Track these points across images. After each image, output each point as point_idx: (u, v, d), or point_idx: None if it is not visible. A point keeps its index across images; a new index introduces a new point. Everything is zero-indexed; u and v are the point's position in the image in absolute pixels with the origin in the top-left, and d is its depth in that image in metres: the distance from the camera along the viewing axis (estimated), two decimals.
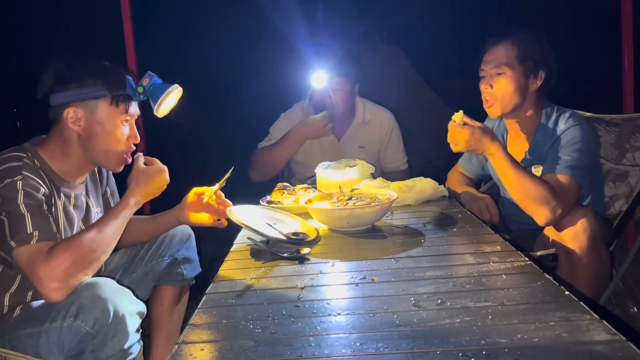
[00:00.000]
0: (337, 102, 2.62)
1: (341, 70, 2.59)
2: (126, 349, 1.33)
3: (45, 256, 1.28)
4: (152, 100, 1.56)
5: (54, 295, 1.27)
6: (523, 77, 1.91)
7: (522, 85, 1.92)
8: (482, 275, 1.24)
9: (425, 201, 2.10)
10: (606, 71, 3.30)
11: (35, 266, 1.27)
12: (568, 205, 1.72)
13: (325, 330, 1.01)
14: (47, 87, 1.47)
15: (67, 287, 1.28)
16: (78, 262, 1.31)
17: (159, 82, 1.57)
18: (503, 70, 1.91)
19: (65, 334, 1.27)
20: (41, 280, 1.26)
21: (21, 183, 1.36)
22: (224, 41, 6.64)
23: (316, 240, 1.62)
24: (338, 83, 2.60)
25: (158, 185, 1.57)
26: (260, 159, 2.70)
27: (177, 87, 1.60)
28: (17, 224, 1.31)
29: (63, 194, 1.52)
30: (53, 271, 1.26)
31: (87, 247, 1.35)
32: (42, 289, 1.27)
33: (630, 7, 2.84)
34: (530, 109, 1.97)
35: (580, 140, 1.83)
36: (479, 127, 1.78)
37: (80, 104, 1.47)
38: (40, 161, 1.47)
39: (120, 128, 1.53)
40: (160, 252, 1.81)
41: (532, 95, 1.95)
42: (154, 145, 3.17)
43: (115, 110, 1.51)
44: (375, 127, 2.75)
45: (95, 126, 1.49)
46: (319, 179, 2.24)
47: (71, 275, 1.29)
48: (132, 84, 1.55)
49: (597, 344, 0.87)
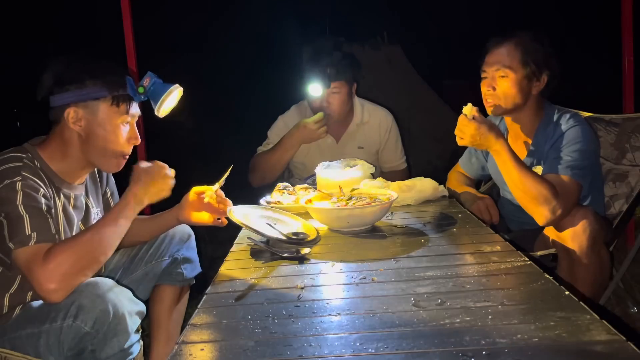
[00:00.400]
0: (336, 105, 2.61)
1: (338, 74, 2.57)
2: (126, 348, 1.33)
3: (44, 258, 1.27)
4: (152, 101, 1.56)
5: (53, 296, 1.27)
6: (525, 79, 1.91)
7: (524, 88, 1.91)
8: (482, 275, 1.24)
9: (425, 201, 2.10)
10: (606, 71, 3.30)
11: (33, 268, 1.26)
12: (568, 206, 1.72)
13: (325, 330, 1.01)
14: (47, 88, 1.47)
15: (66, 288, 1.28)
16: (76, 263, 1.30)
17: (160, 82, 1.56)
18: (505, 73, 1.90)
19: (65, 334, 1.27)
20: (39, 281, 1.26)
21: (20, 184, 1.35)
22: (224, 41, 6.65)
23: (316, 240, 1.62)
24: (335, 86, 2.59)
25: (160, 186, 1.54)
26: (258, 164, 2.70)
27: (178, 87, 1.60)
28: (15, 226, 1.31)
29: (63, 194, 1.52)
30: (51, 273, 1.26)
31: (86, 248, 1.34)
32: (41, 290, 1.27)
33: (630, 7, 2.84)
34: (531, 110, 1.97)
35: (581, 140, 1.83)
36: (486, 122, 1.78)
37: (81, 105, 1.47)
38: (40, 162, 1.46)
39: (121, 128, 1.52)
40: (160, 252, 1.81)
41: (534, 97, 1.95)
42: (154, 146, 3.17)
43: (115, 111, 1.50)
44: (374, 127, 2.75)
45: (95, 127, 1.49)
46: (319, 179, 2.24)
47: (69, 276, 1.28)
48: (133, 84, 1.54)
49: (597, 344, 0.87)
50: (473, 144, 1.82)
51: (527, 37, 1.93)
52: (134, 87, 1.54)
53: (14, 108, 6.87)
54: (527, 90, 1.92)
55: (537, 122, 1.98)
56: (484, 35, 2.03)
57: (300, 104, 2.81)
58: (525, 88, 1.91)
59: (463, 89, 5.00)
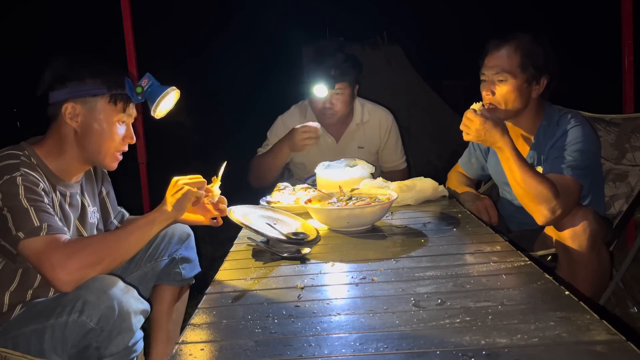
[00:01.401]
0: (338, 107, 2.61)
1: (341, 76, 2.58)
2: (130, 346, 1.33)
3: (64, 247, 1.30)
4: (149, 101, 1.58)
5: (63, 285, 1.28)
6: (525, 84, 1.89)
7: (523, 92, 1.90)
8: (482, 275, 1.24)
9: (425, 201, 2.10)
10: (606, 71, 3.30)
11: (49, 255, 1.28)
12: (568, 206, 1.72)
13: (325, 330, 1.01)
14: (47, 84, 1.49)
15: (77, 280, 1.29)
16: (94, 260, 1.32)
17: (157, 84, 1.58)
18: (505, 77, 1.88)
19: (70, 329, 1.28)
20: (54, 267, 1.27)
21: (21, 178, 1.37)
22: (224, 41, 6.65)
23: (316, 240, 1.62)
24: (339, 87, 2.59)
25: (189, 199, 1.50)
26: (254, 167, 2.68)
27: (175, 89, 1.61)
28: (21, 218, 1.32)
29: (59, 192, 1.52)
30: (68, 261, 1.28)
31: (109, 247, 1.37)
32: (53, 278, 1.28)
33: (630, 7, 2.84)
34: (531, 113, 1.96)
35: (582, 140, 1.83)
36: (491, 119, 1.77)
37: (79, 101, 1.49)
38: (36, 159, 1.48)
39: (117, 127, 1.54)
40: (159, 252, 1.81)
41: (534, 100, 1.94)
42: (154, 145, 3.17)
43: (113, 109, 1.52)
44: (374, 127, 2.75)
45: (92, 123, 1.50)
46: (319, 179, 2.24)
47: (84, 268, 1.30)
48: (131, 85, 1.56)
49: (597, 344, 0.87)
50: (478, 139, 1.80)
51: (526, 40, 1.90)
52: (132, 87, 1.56)
53: (14, 108, 6.88)
54: (526, 94, 1.91)
55: (537, 123, 1.97)
56: (484, 35, 2.02)
57: (300, 104, 2.81)
58: (524, 92, 1.90)
59: (463, 89, 5.00)
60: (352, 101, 2.69)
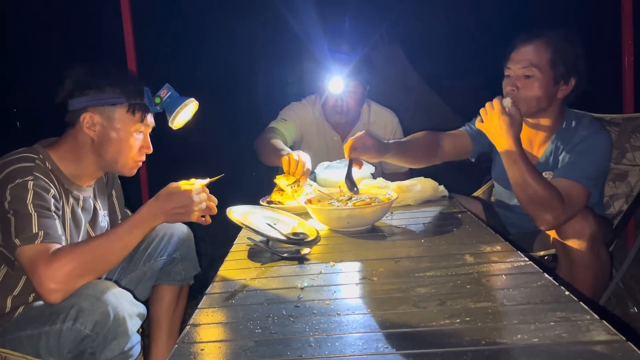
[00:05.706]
0: (350, 104, 2.64)
1: (356, 75, 2.59)
2: (126, 351, 1.33)
3: (50, 257, 1.28)
4: (167, 112, 1.59)
5: (52, 296, 1.27)
6: (552, 82, 1.80)
7: (550, 91, 1.81)
8: (482, 275, 1.24)
9: (425, 201, 2.10)
10: (606, 71, 3.30)
11: (37, 266, 1.27)
12: (573, 214, 1.69)
13: (325, 330, 1.01)
14: (67, 91, 1.49)
15: (66, 290, 1.28)
16: (80, 268, 1.31)
17: (176, 94, 1.60)
18: (532, 73, 1.79)
19: (64, 336, 1.28)
20: (41, 280, 1.26)
21: (32, 183, 1.37)
22: (223, 42, 6.64)
23: (316, 240, 1.62)
24: (352, 86, 2.61)
25: (182, 209, 1.46)
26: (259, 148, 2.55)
27: (193, 100, 1.63)
28: (23, 223, 1.32)
29: (72, 196, 1.53)
30: (55, 273, 1.26)
31: (93, 254, 1.35)
32: (41, 289, 1.27)
33: (630, 7, 2.84)
34: (553, 114, 1.88)
35: (600, 151, 1.78)
36: (511, 118, 1.70)
37: (98, 110, 1.49)
38: (50, 163, 1.48)
39: (134, 137, 1.55)
40: (158, 251, 1.81)
41: (558, 101, 1.85)
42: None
43: (131, 119, 1.53)
44: (380, 129, 2.76)
45: (110, 132, 1.51)
46: (318, 179, 2.24)
47: (72, 278, 1.29)
48: (150, 95, 1.57)
49: (597, 344, 0.87)
50: (488, 130, 1.74)
51: (557, 36, 1.82)
52: (150, 97, 1.57)
53: (14, 108, 6.88)
54: (552, 93, 1.82)
55: (557, 126, 1.89)
56: (484, 35, 2.02)
57: (308, 98, 2.82)
58: (551, 91, 1.81)
59: (463, 90, 4.99)
60: (362, 101, 2.71)
